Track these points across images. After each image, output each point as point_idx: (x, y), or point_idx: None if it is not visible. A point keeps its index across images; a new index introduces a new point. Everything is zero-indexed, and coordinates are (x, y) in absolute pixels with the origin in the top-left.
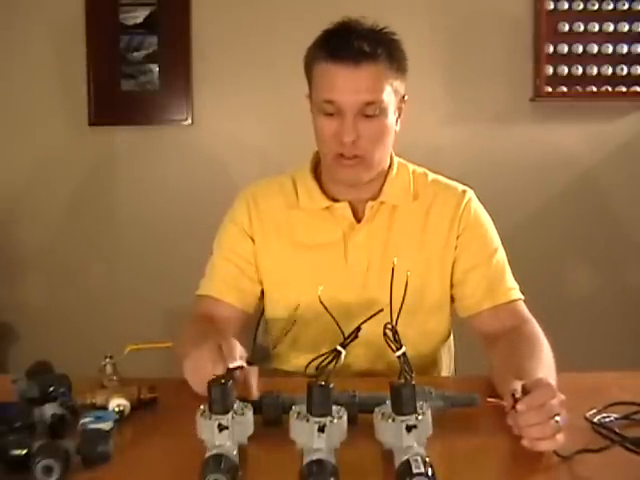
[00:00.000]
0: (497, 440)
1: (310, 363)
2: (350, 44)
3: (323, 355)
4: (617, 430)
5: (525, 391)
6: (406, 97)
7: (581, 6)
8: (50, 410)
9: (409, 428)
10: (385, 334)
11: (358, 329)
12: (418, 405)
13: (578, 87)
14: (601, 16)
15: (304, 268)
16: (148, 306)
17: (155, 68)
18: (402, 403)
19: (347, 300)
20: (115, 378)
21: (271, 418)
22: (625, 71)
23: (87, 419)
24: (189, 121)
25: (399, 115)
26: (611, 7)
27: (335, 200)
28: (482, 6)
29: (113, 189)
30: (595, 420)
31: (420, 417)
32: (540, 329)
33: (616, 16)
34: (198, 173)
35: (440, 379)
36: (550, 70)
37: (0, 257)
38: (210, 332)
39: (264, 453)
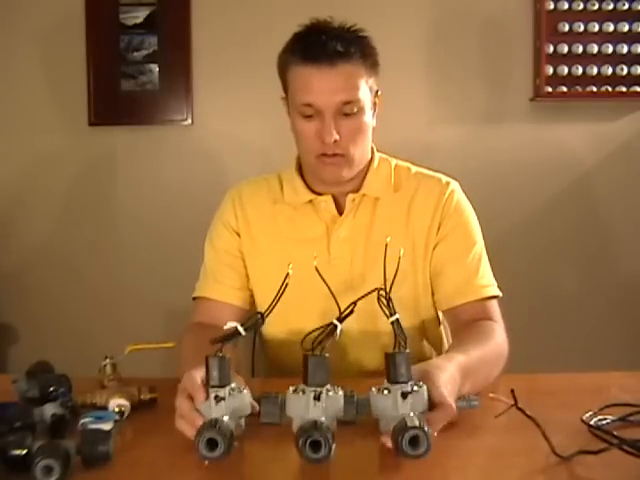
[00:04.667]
0: (496, 440)
1: (306, 337)
2: (323, 45)
3: (319, 329)
4: (614, 432)
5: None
6: (379, 92)
7: (581, 6)
8: (50, 410)
9: (404, 395)
10: (379, 300)
11: (354, 304)
12: (415, 383)
13: (578, 87)
14: (601, 16)
15: (288, 261)
16: (148, 306)
17: (155, 68)
18: (396, 370)
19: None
20: (115, 378)
21: (269, 419)
22: (625, 71)
23: (87, 419)
24: (189, 121)
25: (375, 110)
26: (611, 7)
27: (318, 194)
28: (482, 5)
29: (113, 189)
30: (592, 422)
31: (416, 388)
32: (504, 333)
33: (616, 16)
34: (198, 173)
35: None
36: (550, 70)
37: (0, 257)
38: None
39: (262, 452)
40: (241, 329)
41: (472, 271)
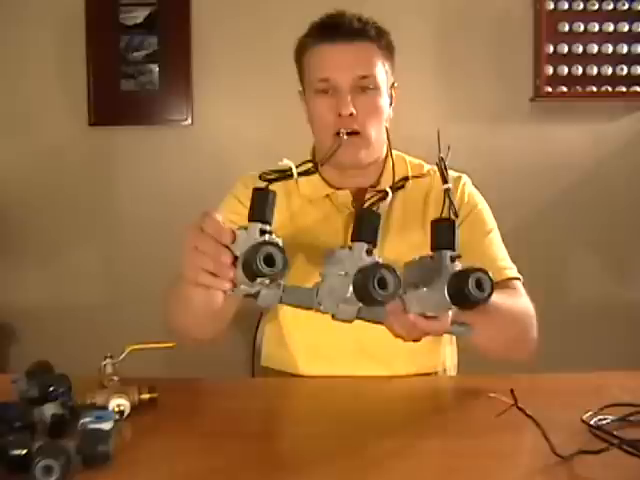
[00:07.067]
0: (496, 440)
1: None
2: (342, 24)
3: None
4: (614, 432)
5: None
6: (396, 84)
7: (581, 6)
8: (50, 410)
9: (453, 258)
10: (438, 164)
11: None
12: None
13: (578, 87)
14: (601, 16)
15: (305, 255)
16: (148, 306)
17: (155, 68)
18: (445, 237)
19: None
20: (115, 378)
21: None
22: (625, 71)
23: (87, 419)
24: (189, 121)
25: (391, 102)
26: (611, 7)
27: (336, 188)
28: (482, 5)
29: (113, 189)
30: (592, 422)
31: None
32: (531, 304)
33: (616, 16)
34: (198, 173)
35: (442, 377)
36: (550, 70)
37: None
38: None
39: (267, 448)
40: (295, 170)
41: (491, 255)
